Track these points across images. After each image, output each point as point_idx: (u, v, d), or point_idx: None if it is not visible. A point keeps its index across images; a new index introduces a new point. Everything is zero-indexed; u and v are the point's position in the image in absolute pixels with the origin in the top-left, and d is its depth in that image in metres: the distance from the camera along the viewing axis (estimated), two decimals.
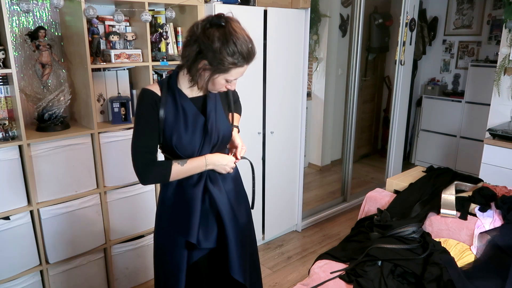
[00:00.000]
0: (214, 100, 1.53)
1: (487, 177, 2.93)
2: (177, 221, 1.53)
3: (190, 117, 1.47)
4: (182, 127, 1.45)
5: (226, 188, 1.58)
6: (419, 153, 5.05)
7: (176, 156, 1.48)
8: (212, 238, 1.55)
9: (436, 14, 4.90)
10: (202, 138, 1.49)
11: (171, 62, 2.46)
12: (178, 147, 1.46)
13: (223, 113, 1.55)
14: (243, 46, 1.36)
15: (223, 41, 1.33)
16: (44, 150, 2.08)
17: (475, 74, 4.38)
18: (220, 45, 1.33)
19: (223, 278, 1.63)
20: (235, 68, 1.39)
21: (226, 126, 1.55)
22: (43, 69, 2.15)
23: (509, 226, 2.00)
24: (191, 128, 1.47)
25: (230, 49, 1.34)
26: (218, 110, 1.53)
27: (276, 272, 2.85)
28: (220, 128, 1.52)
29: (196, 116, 1.48)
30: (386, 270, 1.85)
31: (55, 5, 1.97)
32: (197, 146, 1.49)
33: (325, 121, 4.73)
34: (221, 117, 1.53)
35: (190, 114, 1.47)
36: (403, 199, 2.36)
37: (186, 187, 1.52)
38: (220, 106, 1.55)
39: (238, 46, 1.35)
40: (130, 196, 2.44)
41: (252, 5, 2.72)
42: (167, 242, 1.57)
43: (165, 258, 1.59)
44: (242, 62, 1.39)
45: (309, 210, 3.63)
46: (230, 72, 1.39)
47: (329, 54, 4.57)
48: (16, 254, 2.07)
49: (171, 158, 1.50)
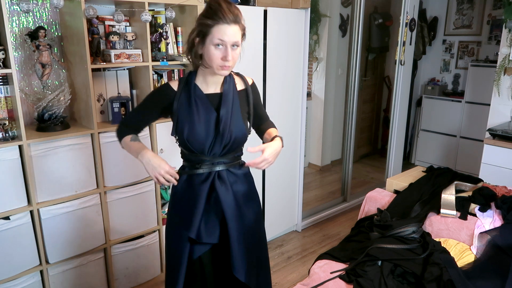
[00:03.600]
0: (231, 99, 1.56)
1: (487, 177, 2.93)
2: (182, 215, 1.59)
3: (202, 111, 1.52)
4: (195, 121, 1.51)
5: (235, 189, 1.60)
6: (419, 153, 5.05)
7: (189, 150, 1.55)
8: (215, 234, 1.58)
9: (436, 14, 4.90)
10: (214, 136, 1.52)
11: (171, 62, 2.46)
12: (190, 140, 1.51)
13: (239, 114, 1.58)
14: (218, 6, 1.41)
15: (203, 11, 1.46)
16: (44, 150, 2.08)
17: (475, 74, 4.38)
18: (201, 15, 1.45)
19: (229, 279, 1.64)
20: (215, 26, 1.41)
21: (240, 127, 1.57)
22: (43, 69, 2.15)
23: (509, 226, 2.00)
24: (203, 123, 1.51)
25: (207, 13, 1.43)
26: (234, 109, 1.56)
27: (276, 272, 2.85)
28: (234, 128, 1.54)
29: (208, 111, 1.52)
30: (386, 270, 1.85)
31: (55, 5, 1.97)
32: (208, 142, 1.52)
33: (325, 121, 4.73)
34: (236, 117, 1.56)
35: (202, 108, 1.52)
36: (403, 199, 2.36)
37: (194, 183, 1.57)
38: (237, 107, 1.57)
39: (213, 7, 1.42)
40: (130, 196, 2.44)
41: (252, 5, 2.72)
42: (173, 234, 1.63)
43: (170, 249, 1.65)
44: (218, 19, 1.40)
45: (309, 210, 3.63)
46: (212, 32, 1.41)
47: (329, 54, 4.57)
48: (16, 254, 2.07)
49: (186, 152, 1.58)
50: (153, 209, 2.56)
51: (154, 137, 2.46)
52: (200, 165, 1.56)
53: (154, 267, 2.67)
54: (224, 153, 1.57)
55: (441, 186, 2.36)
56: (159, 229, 2.63)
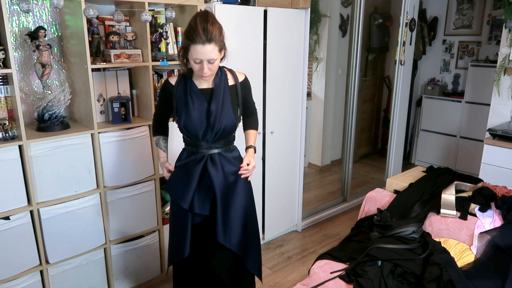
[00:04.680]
0: (221, 93, 1.82)
1: (487, 177, 2.93)
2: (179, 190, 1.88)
3: (196, 104, 1.80)
4: (191, 112, 1.79)
5: (226, 170, 1.88)
6: (419, 153, 5.05)
7: (187, 136, 1.86)
8: (205, 207, 1.88)
9: (436, 14, 4.90)
10: (206, 125, 1.80)
11: (171, 62, 2.46)
12: (186, 128, 1.82)
13: (229, 105, 1.83)
14: (195, 27, 1.64)
15: (187, 27, 1.69)
16: (44, 150, 2.08)
17: (475, 74, 4.38)
18: (184, 31, 1.71)
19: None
20: (192, 45, 1.66)
21: (230, 117, 1.82)
22: (43, 69, 2.15)
23: (509, 226, 2.00)
24: (197, 114, 1.80)
25: (187, 32, 1.68)
26: (224, 102, 1.81)
27: (276, 272, 2.86)
28: (223, 119, 1.80)
29: (201, 104, 1.81)
30: (386, 270, 1.85)
31: (55, 5, 1.97)
32: (202, 130, 1.81)
33: (325, 121, 4.73)
34: (226, 109, 1.82)
35: (196, 101, 1.81)
36: (403, 199, 2.35)
37: (190, 164, 1.87)
38: (227, 99, 1.83)
39: (191, 27, 1.65)
40: (130, 196, 2.44)
41: (252, 5, 2.72)
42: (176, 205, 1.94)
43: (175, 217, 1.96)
44: (193, 40, 1.65)
45: (309, 210, 3.63)
46: (191, 50, 1.68)
47: (329, 54, 4.57)
48: (16, 254, 2.07)
49: (185, 137, 1.90)
50: (153, 209, 2.56)
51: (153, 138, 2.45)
52: (196, 149, 1.86)
53: (154, 267, 2.67)
54: (216, 139, 1.84)
55: (441, 186, 2.36)
56: (159, 229, 2.63)
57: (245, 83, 1.93)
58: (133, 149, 2.39)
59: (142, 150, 2.43)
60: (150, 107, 2.43)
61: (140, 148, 2.42)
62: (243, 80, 1.92)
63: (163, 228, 2.63)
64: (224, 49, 1.75)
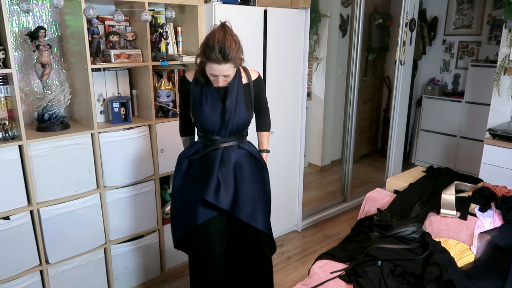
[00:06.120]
0: (235, 92, 1.87)
1: (487, 177, 2.93)
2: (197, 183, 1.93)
3: (211, 102, 1.86)
4: (206, 109, 1.85)
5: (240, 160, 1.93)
6: (419, 153, 5.05)
7: (202, 131, 1.92)
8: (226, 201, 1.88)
9: (436, 14, 4.90)
10: (221, 122, 1.86)
11: (171, 62, 2.46)
12: (202, 123, 1.88)
13: (243, 103, 1.89)
14: (212, 47, 1.67)
15: (204, 42, 1.72)
16: (44, 150, 2.08)
17: (475, 74, 4.38)
18: (201, 45, 1.74)
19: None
20: (208, 63, 1.72)
21: (243, 114, 1.89)
22: (43, 69, 2.15)
23: (509, 226, 2.00)
24: (212, 111, 1.85)
25: (204, 49, 1.71)
26: (238, 100, 1.87)
27: (276, 272, 2.85)
28: (237, 116, 1.87)
29: (216, 102, 1.86)
30: (386, 270, 1.85)
31: (55, 5, 1.97)
32: (217, 127, 1.87)
33: (325, 121, 4.73)
34: (240, 106, 1.87)
35: (211, 99, 1.86)
36: (403, 199, 2.35)
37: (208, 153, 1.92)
38: (241, 97, 1.88)
39: (209, 46, 1.68)
40: (130, 196, 2.44)
41: (252, 5, 2.72)
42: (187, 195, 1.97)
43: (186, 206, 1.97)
44: (210, 59, 1.69)
45: (309, 210, 3.63)
46: (207, 66, 1.74)
47: (329, 54, 4.57)
48: (16, 254, 2.07)
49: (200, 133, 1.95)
50: (153, 209, 2.56)
51: (154, 138, 2.46)
52: (211, 143, 1.91)
53: (154, 267, 2.67)
54: (231, 135, 1.90)
55: (441, 186, 2.36)
56: (159, 229, 2.63)
57: (258, 81, 1.97)
58: (133, 149, 2.39)
59: (142, 150, 2.44)
60: (150, 107, 2.43)
61: (140, 148, 2.42)
62: (256, 78, 1.96)
63: (163, 228, 2.63)
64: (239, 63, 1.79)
